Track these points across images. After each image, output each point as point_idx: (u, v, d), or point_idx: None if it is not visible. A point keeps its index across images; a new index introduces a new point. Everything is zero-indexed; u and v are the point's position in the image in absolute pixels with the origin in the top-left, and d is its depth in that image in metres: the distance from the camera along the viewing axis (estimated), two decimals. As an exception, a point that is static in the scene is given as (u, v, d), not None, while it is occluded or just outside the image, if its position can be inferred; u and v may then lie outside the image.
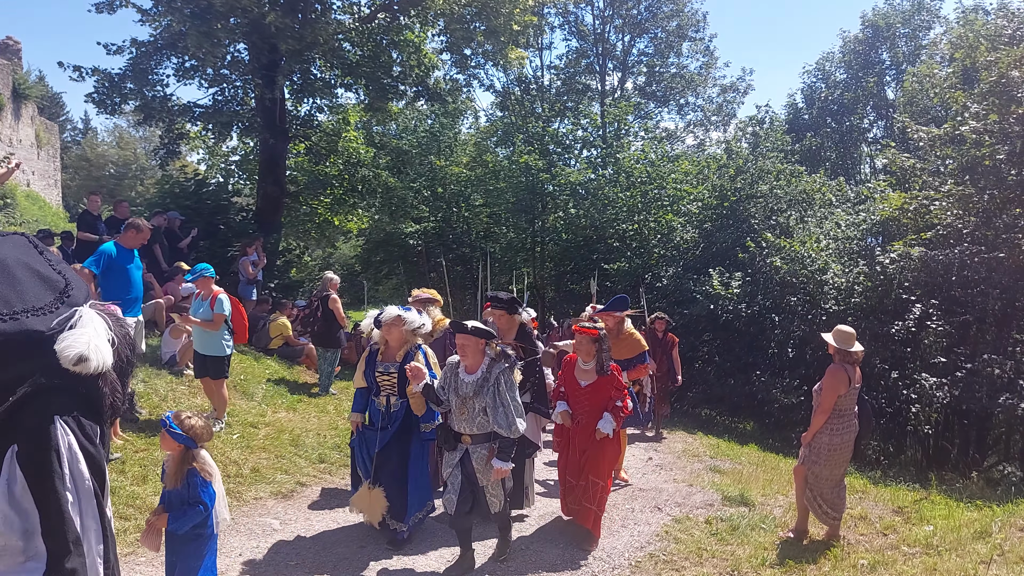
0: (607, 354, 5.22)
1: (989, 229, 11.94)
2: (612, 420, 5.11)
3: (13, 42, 22.26)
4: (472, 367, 4.42)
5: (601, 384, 5.18)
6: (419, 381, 4.52)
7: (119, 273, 6.41)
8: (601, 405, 5.16)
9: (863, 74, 27.20)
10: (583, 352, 5.23)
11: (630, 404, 5.22)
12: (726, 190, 16.59)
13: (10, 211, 17.11)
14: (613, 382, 5.18)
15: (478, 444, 4.47)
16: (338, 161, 18.04)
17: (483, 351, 4.43)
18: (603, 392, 5.17)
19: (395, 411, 5.06)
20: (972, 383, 11.34)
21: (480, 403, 4.35)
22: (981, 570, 4.18)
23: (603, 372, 5.19)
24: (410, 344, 5.09)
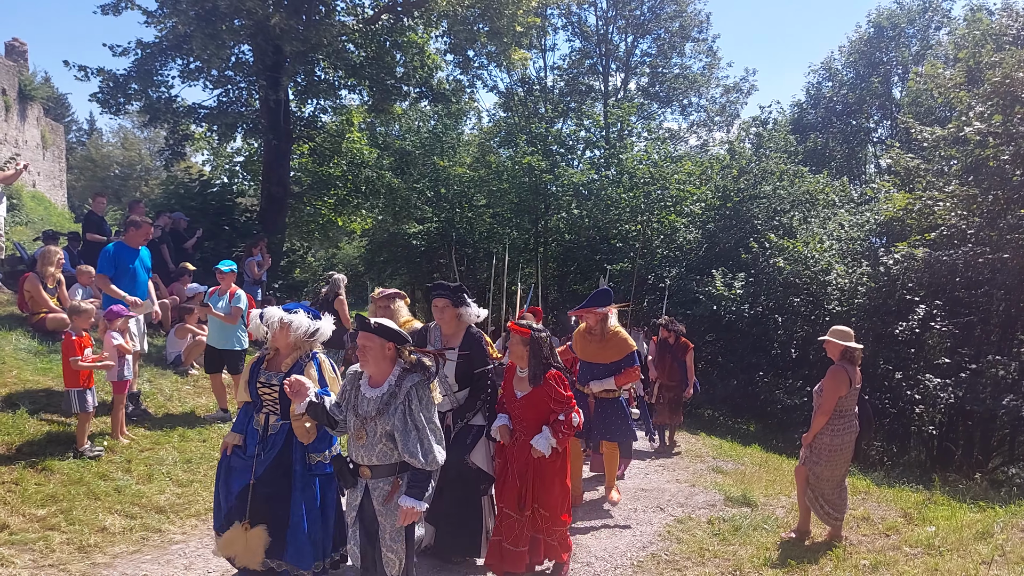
0: (545, 359, 4.42)
1: (993, 230, 11.93)
2: (550, 436, 4.34)
3: (19, 43, 22.36)
4: (376, 378, 3.42)
5: (537, 396, 4.41)
6: (300, 399, 3.58)
7: (125, 273, 6.48)
8: (541, 420, 4.43)
9: (869, 74, 27.19)
10: (516, 356, 4.45)
11: (577, 419, 4.41)
12: (729, 191, 16.60)
13: (16, 212, 17.18)
14: (551, 393, 4.39)
15: (380, 479, 3.40)
16: (342, 162, 18.11)
17: (391, 358, 3.42)
18: (540, 405, 4.42)
19: (273, 434, 4.04)
20: (976, 384, 11.33)
21: (384, 426, 3.34)
22: (982, 570, 4.19)
23: (536, 381, 4.38)
24: (301, 351, 4.11)
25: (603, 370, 5.85)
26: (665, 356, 9.07)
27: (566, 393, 4.42)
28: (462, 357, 4.50)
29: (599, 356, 5.82)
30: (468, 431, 4.62)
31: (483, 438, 4.62)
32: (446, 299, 4.58)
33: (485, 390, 4.66)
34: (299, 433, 3.94)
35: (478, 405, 4.63)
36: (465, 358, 4.51)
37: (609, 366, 5.82)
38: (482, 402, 4.65)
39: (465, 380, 4.60)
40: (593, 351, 5.90)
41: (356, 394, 3.49)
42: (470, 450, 4.56)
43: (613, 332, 5.84)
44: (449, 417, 4.53)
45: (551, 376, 4.42)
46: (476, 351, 4.62)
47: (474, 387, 4.63)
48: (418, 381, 3.38)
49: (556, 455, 4.43)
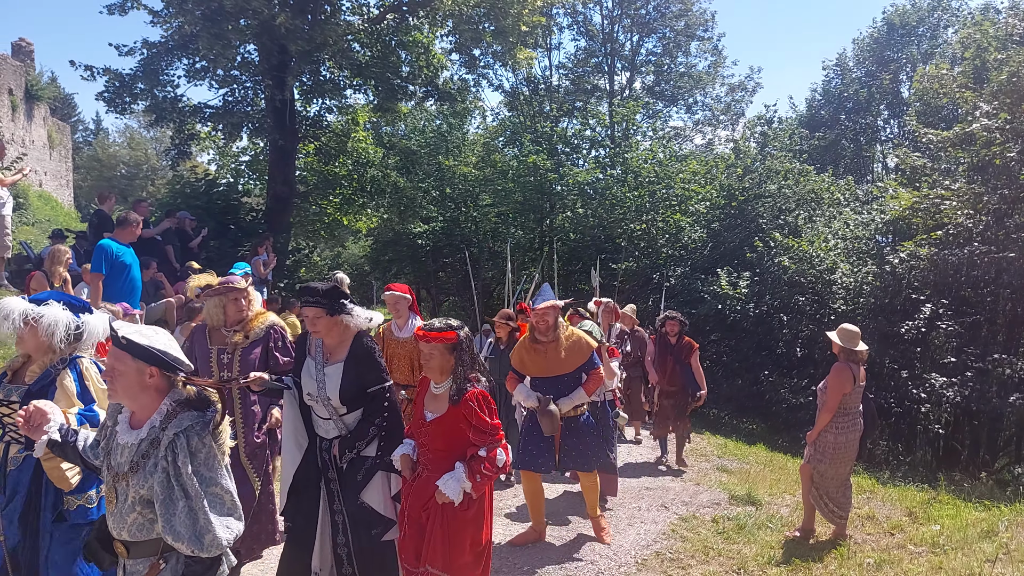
0: (469, 372, 3.45)
1: (1000, 229, 11.89)
2: (464, 477, 3.31)
3: (26, 43, 22.47)
4: (138, 417, 2.34)
5: (451, 420, 3.40)
6: (36, 435, 2.58)
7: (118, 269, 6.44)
8: (455, 453, 3.42)
9: (879, 71, 27.14)
10: (430, 368, 3.50)
11: (503, 457, 3.41)
12: (734, 190, 16.58)
13: (23, 211, 17.28)
14: (470, 416, 3.36)
15: (138, 560, 2.31)
16: (347, 161, 18.16)
17: (156, 388, 2.31)
18: (455, 432, 3.41)
19: (15, 471, 3.02)
20: (982, 383, 11.30)
21: (137, 487, 2.24)
22: (987, 568, 4.18)
23: (454, 400, 3.41)
24: (55, 358, 3.08)
25: (568, 382, 4.88)
26: (666, 357, 7.85)
27: (491, 420, 3.39)
28: (350, 372, 3.66)
29: (559, 366, 4.86)
30: (359, 464, 3.67)
31: (379, 472, 3.71)
32: (317, 308, 3.61)
33: (380, 412, 3.72)
34: (53, 478, 2.84)
35: (371, 431, 3.69)
36: (353, 373, 3.67)
37: (573, 375, 4.90)
38: (376, 427, 3.70)
39: (355, 400, 3.70)
40: (549, 362, 4.89)
41: (110, 438, 2.38)
42: (362, 487, 3.66)
43: (568, 332, 4.99)
44: (335, 446, 3.67)
45: (473, 396, 3.36)
46: (367, 364, 3.72)
47: (367, 409, 3.72)
48: (189, 425, 2.24)
49: (470, 502, 3.39)
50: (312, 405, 3.76)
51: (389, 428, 3.75)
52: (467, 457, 3.40)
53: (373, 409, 3.73)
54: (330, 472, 3.72)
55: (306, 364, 3.78)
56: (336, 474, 3.70)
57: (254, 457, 4.32)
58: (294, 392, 3.82)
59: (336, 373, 3.67)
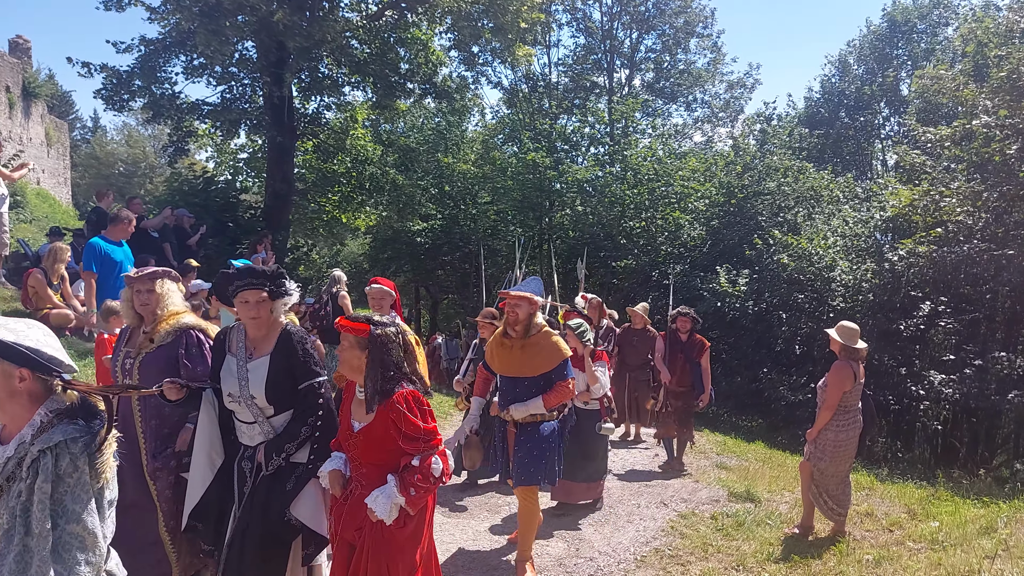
0: (393, 370, 2.98)
1: (1000, 226, 11.89)
2: (396, 492, 2.88)
3: (23, 40, 22.41)
4: (8, 429, 1.98)
5: (379, 427, 2.95)
6: None
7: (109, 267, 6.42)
8: (386, 465, 2.98)
9: (880, 69, 27.15)
10: (341, 363, 3.06)
11: (439, 465, 2.96)
12: (733, 187, 16.58)
13: (20, 209, 17.25)
14: (399, 421, 2.90)
15: None
16: (346, 159, 18.13)
17: (29, 394, 1.94)
18: (384, 441, 2.95)
19: None
20: (981, 381, 11.30)
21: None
22: (985, 565, 4.18)
23: (372, 406, 2.96)
24: None
25: (528, 387, 4.36)
26: (676, 355, 7.52)
27: (423, 424, 2.94)
28: (277, 367, 3.27)
29: (523, 367, 4.34)
30: (289, 472, 3.25)
31: (312, 481, 3.26)
32: (258, 289, 3.25)
33: (313, 412, 3.30)
34: None
35: (303, 434, 3.26)
36: (281, 368, 3.27)
37: (536, 380, 4.35)
38: (309, 428, 3.27)
39: (283, 399, 3.29)
40: (513, 360, 4.38)
41: None
42: (291, 499, 3.22)
43: (542, 333, 4.38)
44: (260, 452, 3.22)
45: (402, 397, 2.91)
46: (297, 357, 3.30)
47: (298, 408, 3.32)
48: (61, 441, 1.85)
49: (407, 519, 2.96)
50: (234, 408, 3.31)
51: (324, 430, 3.29)
52: (400, 468, 2.95)
53: (305, 408, 3.30)
54: (247, 485, 3.23)
55: (226, 362, 3.34)
56: (258, 484, 3.21)
57: (158, 478, 3.58)
58: (211, 399, 3.34)
59: (261, 368, 3.26)
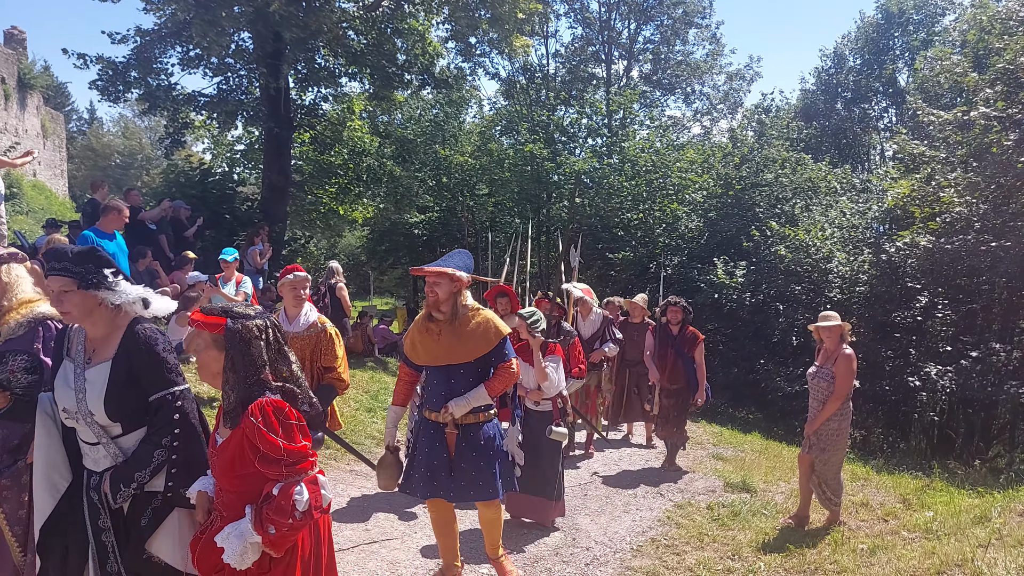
0: (254, 375, 2.37)
1: (997, 217, 11.90)
2: (250, 529, 2.27)
3: (18, 31, 22.31)
4: None
5: (234, 443, 2.35)
6: None
7: None
8: (245, 493, 2.37)
9: (876, 60, 27.10)
10: (205, 372, 2.50)
11: (304, 496, 2.28)
12: (731, 179, 16.57)
13: (17, 201, 17.21)
14: (254, 438, 2.30)
15: None
16: (343, 150, 18.09)
17: None
18: (237, 462, 2.35)
19: None
20: (978, 372, 11.34)
21: None
22: (979, 553, 4.21)
23: (230, 418, 2.38)
24: None
25: (465, 375, 3.73)
26: (667, 350, 6.90)
27: (286, 443, 2.31)
28: (120, 375, 2.64)
29: (454, 352, 3.70)
30: (144, 504, 2.65)
31: (175, 512, 2.68)
32: (64, 277, 2.62)
33: (169, 430, 2.66)
34: None
35: (156, 458, 2.62)
36: (126, 376, 2.64)
37: (473, 367, 3.72)
38: (164, 451, 2.63)
39: (131, 415, 2.66)
40: (441, 347, 3.72)
41: None
42: (148, 535, 2.66)
43: (472, 311, 3.75)
44: (106, 482, 2.61)
45: (258, 408, 2.31)
46: (146, 362, 2.67)
47: (150, 428, 2.67)
48: None
49: (272, 564, 2.35)
50: (72, 425, 2.68)
51: (182, 451, 2.66)
52: (260, 498, 2.33)
53: (158, 426, 2.65)
54: (102, 519, 2.64)
55: (63, 368, 2.72)
56: (111, 521, 2.64)
57: (5, 499, 3.00)
58: (48, 408, 2.74)
59: (100, 377, 2.63)
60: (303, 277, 4.78)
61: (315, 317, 4.78)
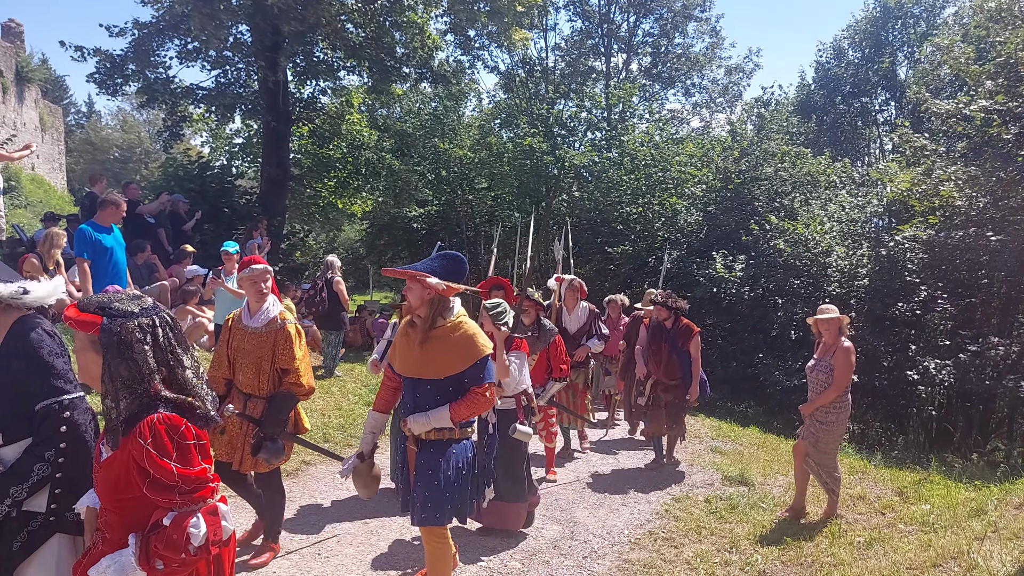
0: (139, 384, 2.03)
1: (997, 211, 11.90)
2: (134, 564, 1.98)
3: (15, 24, 22.23)
4: None
5: (119, 463, 2.03)
6: None
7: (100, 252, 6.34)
8: (127, 516, 2.06)
9: (875, 54, 27.04)
10: (85, 375, 2.16)
11: (200, 529, 1.99)
12: (730, 172, 16.55)
13: (15, 194, 17.17)
14: (143, 461, 1.99)
15: None
16: (342, 144, 18.06)
17: None
18: (122, 485, 2.03)
19: None
20: (976, 365, 11.36)
21: None
22: (975, 546, 4.23)
23: (114, 435, 2.03)
24: None
25: (432, 392, 3.40)
26: (660, 344, 6.70)
27: (180, 467, 2.00)
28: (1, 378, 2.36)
29: (424, 366, 3.40)
30: (19, 525, 2.34)
31: (52, 539, 2.38)
32: None
33: (53, 442, 2.35)
34: None
35: (36, 473, 2.32)
36: (6, 380, 2.36)
37: (442, 384, 3.39)
38: (47, 465, 2.33)
39: (14, 424, 2.38)
40: (415, 357, 3.43)
41: None
42: (19, 563, 2.34)
43: (452, 323, 3.41)
44: None
45: (147, 427, 1.99)
46: (29, 365, 2.37)
47: (33, 439, 2.36)
48: None
49: None
50: None
51: (68, 467, 2.34)
52: (148, 528, 2.02)
53: (42, 437, 2.34)
54: None
55: None
56: None
57: None
58: None
59: None
60: (261, 270, 4.36)
61: (276, 312, 4.30)
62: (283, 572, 4.26)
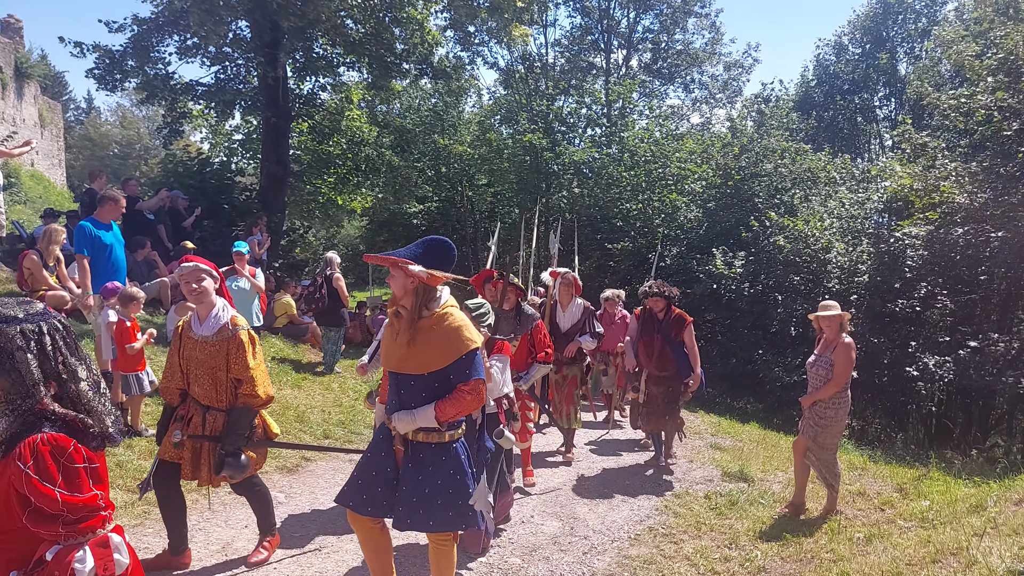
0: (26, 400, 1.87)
1: (997, 207, 11.90)
2: None
3: (15, 20, 22.17)
4: None
5: (4, 486, 1.85)
6: None
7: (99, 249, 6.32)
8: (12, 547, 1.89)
9: (875, 50, 27.00)
10: None
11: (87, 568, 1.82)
12: (730, 169, 16.53)
13: (14, 191, 17.16)
14: (23, 487, 1.81)
15: None
16: (341, 140, 18.04)
17: None
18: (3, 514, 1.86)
19: None
20: (976, 362, 11.37)
21: None
22: (974, 542, 4.24)
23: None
24: None
25: (416, 389, 3.15)
26: (652, 336, 6.45)
27: (65, 493, 1.83)
28: None
29: (407, 360, 3.15)
30: None
31: None
32: None
33: None
34: None
35: None
36: None
37: (427, 381, 3.13)
38: None
39: None
40: (398, 351, 3.18)
41: None
42: None
43: (439, 315, 3.14)
44: None
45: (28, 448, 1.82)
46: None
47: None
48: None
49: None
50: None
51: None
52: (31, 564, 1.86)
53: None
54: None
55: None
56: None
57: None
58: None
59: None
60: (190, 269, 3.87)
61: (227, 318, 3.91)
62: (284, 569, 4.27)
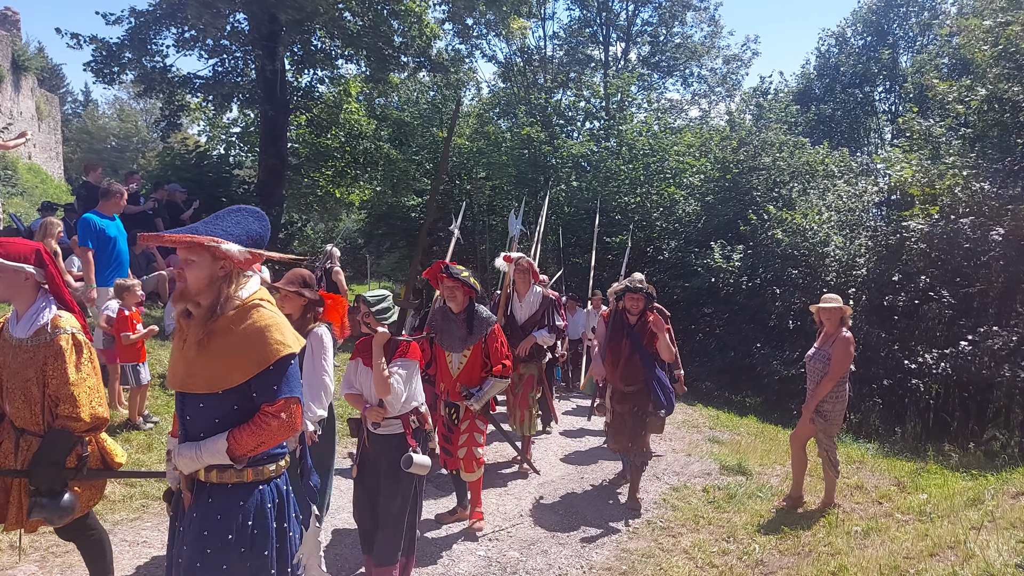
0: None
1: (997, 200, 11.88)
2: None
3: (11, 12, 22.04)
4: None
5: None
6: None
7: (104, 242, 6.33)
8: None
9: (877, 44, 26.94)
10: None
11: None
12: (728, 162, 16.50)
13: (12, 183, 17.11)
14: None
15: None
16: (339, 133, 17.99)
17: None
18: None
19: None
20: (974, 355, 11.38)
21: None
22: (972, 535, 4.25)
23: None
24: None
25: (205, 413, 2.35)
26: (620, 342, 5.34)
27: None
28: None
29: (192, 374, 2.34)
30: None
31: None
32: None
33: None
34: None
35: None
36: None
37: (220, 402, 2.33)
38: None
39: None
40: (183, 362, 2.38)
41: None
42: None
43: (243, 310, 2.35)
44: None
45: None
46: None
47: None
48: None
49: None
50: None
51: None
52: None
53: None
54: None
55: None
56: None
57: None
58: None
59: None
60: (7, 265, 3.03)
61: (47, 318, 3.05)
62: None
